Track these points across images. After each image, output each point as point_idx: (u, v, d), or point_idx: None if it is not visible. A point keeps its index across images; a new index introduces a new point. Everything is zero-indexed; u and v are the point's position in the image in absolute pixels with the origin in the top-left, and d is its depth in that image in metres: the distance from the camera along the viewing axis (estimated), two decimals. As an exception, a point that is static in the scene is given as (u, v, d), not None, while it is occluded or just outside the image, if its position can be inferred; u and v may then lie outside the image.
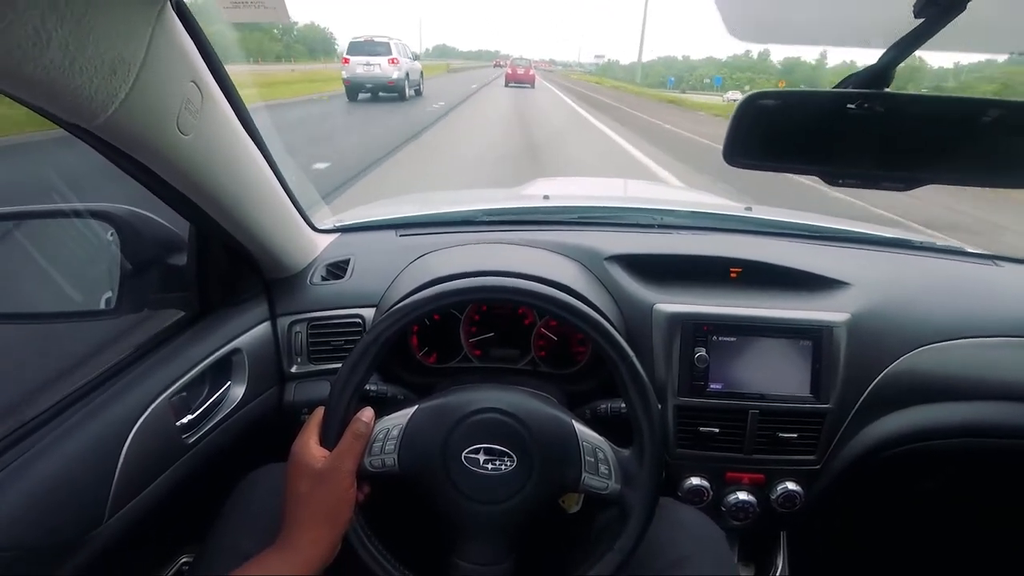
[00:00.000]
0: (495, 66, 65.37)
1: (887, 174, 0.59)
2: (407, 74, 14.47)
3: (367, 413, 0.69)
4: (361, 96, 13.95)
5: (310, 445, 0.67)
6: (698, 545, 0.77)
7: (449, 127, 10.65)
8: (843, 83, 0.57)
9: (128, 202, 0.80)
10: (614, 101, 22.22)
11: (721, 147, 0.59)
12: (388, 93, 14.10)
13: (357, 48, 13.87)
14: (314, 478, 0.65)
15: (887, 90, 0.54)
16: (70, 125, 0.51)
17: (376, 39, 14.19)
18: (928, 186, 0.59)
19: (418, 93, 15.67)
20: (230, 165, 0.74)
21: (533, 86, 28.47)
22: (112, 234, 0.78)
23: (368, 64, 13.57)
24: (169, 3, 0.53)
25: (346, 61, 13.83)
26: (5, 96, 0.45)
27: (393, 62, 13.82)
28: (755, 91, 0.60)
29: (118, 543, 0.70)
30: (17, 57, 0.40)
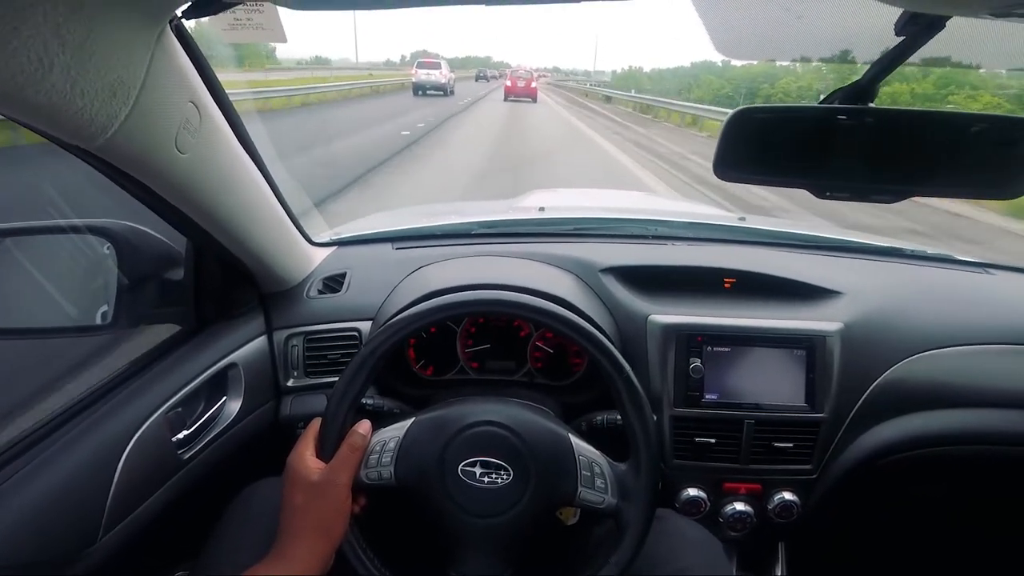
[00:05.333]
0: (478, 79, 47.59)
1: (874, 187, 0.60)
2: (449, 81, 24.42)
3: (364, 425, 0.69)
4: (419, 93, 23.32)
5: (306, 457, 0.67)
6: (697, 557, 0.77)
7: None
8: (829, 98, 0.58)
9: (121, 209, 0.79)
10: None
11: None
12: (436, 92, 23.55)
13: (422, 64, 24.45)
14: (310, 490, 0.65)
15: (871, 105, 0.56)
16: (71, 146, 0.52)
17: (432, 59, 24.96)
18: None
19: (452, 92, 24.79)
20: (227, 182, 0.74)
21: (535, 100, 23.67)
22: (109, 248, 0.78)
23: (428, 73, 23.68)
24: (169, 26, 0.54)
25: (415, 72, 24.22)
26: (7, 119, 0.45)
27: (441, 73, 23.74)
28: (744, 106, 0.61)
29: (112, 560, 0.69)
30: (20, 82, 0.41)
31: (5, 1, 0.37)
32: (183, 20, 0.56)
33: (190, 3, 0.50)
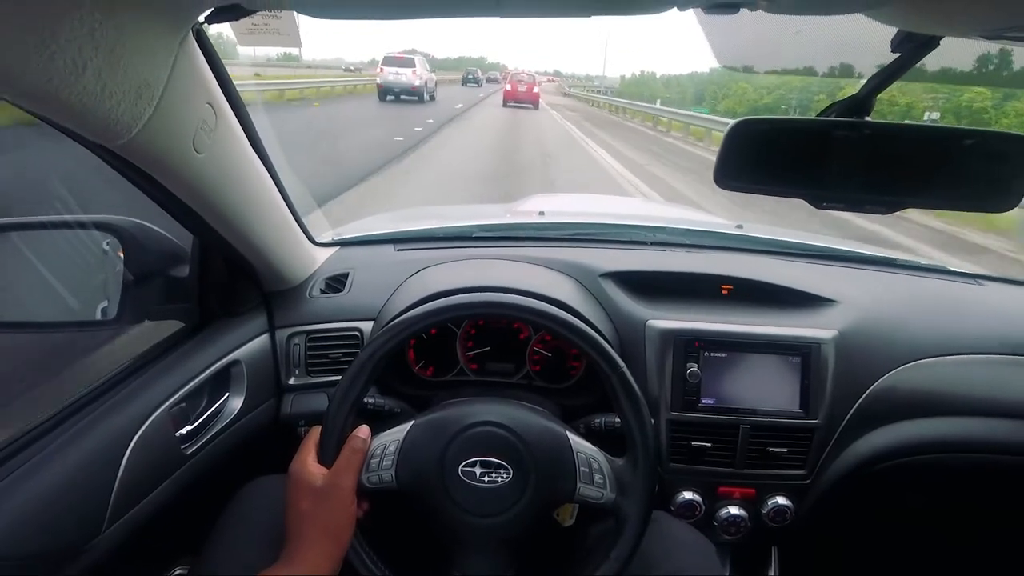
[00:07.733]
0: (466, 82, 39.77)
1: (869, 198, 0.62)
2: (426, 83, 18.77)
3: (363, 430, 0.69)
4: (387, 98, 17.73)
5: (308, 463, 0.67)
6: (691, 560, 0.78)
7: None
8: (827, 111, 0.60)
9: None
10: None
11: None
12: (409, 96, 18.18)
13: (389, 61, 18.10)
14: (315, 496, 0.65)
15: (868, 119, 0.57)
16: (93, 144, 0.54)
17: (404, 55, 18.68)
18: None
19: (432, 98, 19.55)
20: (239, 182, 0.76)
21: (536, 106, 21.60)
22: (109, 242, 0.79)
23: (397, 73, 17.71)
24: (191, 31, 0.55)
25: (381, 70, 17.96)
26: (39, 119, 0.47)
27: (415, 73, 17.96)
28: (744, 117, 0.63)
29: (116, 552, 0.70)
30: (56, 84, 0.43)
31: (44, 6, 0.39)
32: (204, 26, 0.57)
33: (212, 10, 0.51)
